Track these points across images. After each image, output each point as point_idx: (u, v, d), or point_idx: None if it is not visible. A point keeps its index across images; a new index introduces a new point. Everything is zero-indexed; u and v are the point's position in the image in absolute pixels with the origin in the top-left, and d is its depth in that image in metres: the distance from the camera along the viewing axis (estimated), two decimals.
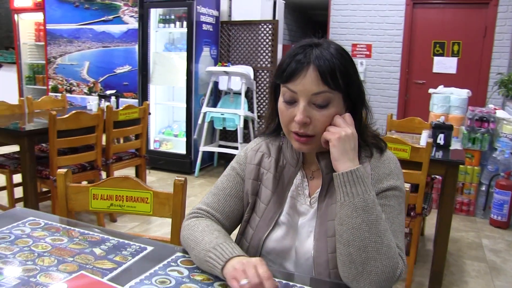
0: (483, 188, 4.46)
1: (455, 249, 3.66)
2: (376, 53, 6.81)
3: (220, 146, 5.87)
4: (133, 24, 5.73)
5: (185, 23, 5.41)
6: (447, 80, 6.26)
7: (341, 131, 1.09)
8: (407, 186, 1.41)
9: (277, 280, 1.04)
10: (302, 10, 8.47)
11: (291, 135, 1.15)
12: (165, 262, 1.13)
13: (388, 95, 6.82)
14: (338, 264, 1.07)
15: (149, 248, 1.21)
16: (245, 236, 1.26)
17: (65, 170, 1.52)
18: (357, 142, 1.12)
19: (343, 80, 1.10)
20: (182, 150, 5.66)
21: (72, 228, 1.33)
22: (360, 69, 6.85)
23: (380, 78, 6.84)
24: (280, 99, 1.16)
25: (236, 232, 1.32)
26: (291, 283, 1.05)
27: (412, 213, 2.79)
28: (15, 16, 7.22)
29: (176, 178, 1.50)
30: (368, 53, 6.83)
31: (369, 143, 1.20)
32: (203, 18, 5.47)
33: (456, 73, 6.51)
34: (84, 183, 3.11)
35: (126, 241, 1.25)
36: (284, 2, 6.52)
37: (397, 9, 6.62)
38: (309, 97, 1.09)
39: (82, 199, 1.53)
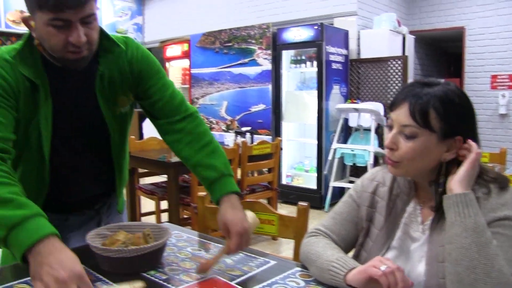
0: None
1: None
2: None
3: (350, 182, 5.90)
4: (267, 65, 6.12)
5: (315, 63, 5.66)
6: None
7: (480, 153, 1.15)
8: None
9: None
10: (434, 43, 8.25)
11: (385, 158, 1.26)
12: (285, 274, 1.27)
13: None
14: (446, 284, 1.11)
15: (272, 262, 1.37)
16: (358, 259, 1.35)
17: (204, 193, 1.75)
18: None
19: (440, 123, 1.16)
20: (313, 185, 5.81)
21: (208, 242, 1.54)
22: (502, 101, 6.45)
23: None
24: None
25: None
26: None
27: None
28: (167, 64, 8.16)
29: (299, 203, 1.64)
30: (511, 84, 6.43)
31: (487, 180, 1.20)
32: (332, 58, 5.67)
33: None
34: None
35: (253, 255, 1.42)
36: (414, 37, 6.47)
37: None
38: (399, 127, 1.19)
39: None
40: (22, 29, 7.49)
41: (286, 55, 6.02)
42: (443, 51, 8.99)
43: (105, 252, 1.21)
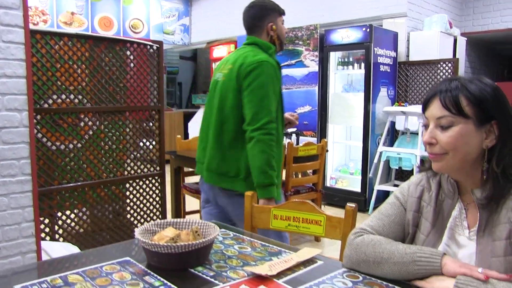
0: None
1: None
2: None
3: (396, 185, 5.79)
4: (314, 67, 6.09)
5: (363, 65, 5.59)
6: None
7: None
8: None
9: None
10: (487, 46, 7.97)
11: (428, 154, 1.26)
12: (332, 274, 1.27)
13: None
14: None
15: (319, 262, 1.37)
16: None
17: (251, 192, 1.76)
18: None
19: (473, 109, 1.17)
20: (357, 188, 5.74)
21: (255, 240, 1.55)
22: None
23: None
24: None
25: None
26: None
27: None
28: (213, 64, 8.29)
29: (348, 204, 1.63)
30: None
31: None
32: (380, 60, 5.59)
33: None
34: None
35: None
36: (466, 39, 6.28)
37: None
38: (435, 121, 1.21)
39: (265, 218, 1.76)
40: (72, 29, 7.73)
41: (334, 57, 5.97)
42: (497, 54, 8.69)
43: (154, 248, 1.24)
